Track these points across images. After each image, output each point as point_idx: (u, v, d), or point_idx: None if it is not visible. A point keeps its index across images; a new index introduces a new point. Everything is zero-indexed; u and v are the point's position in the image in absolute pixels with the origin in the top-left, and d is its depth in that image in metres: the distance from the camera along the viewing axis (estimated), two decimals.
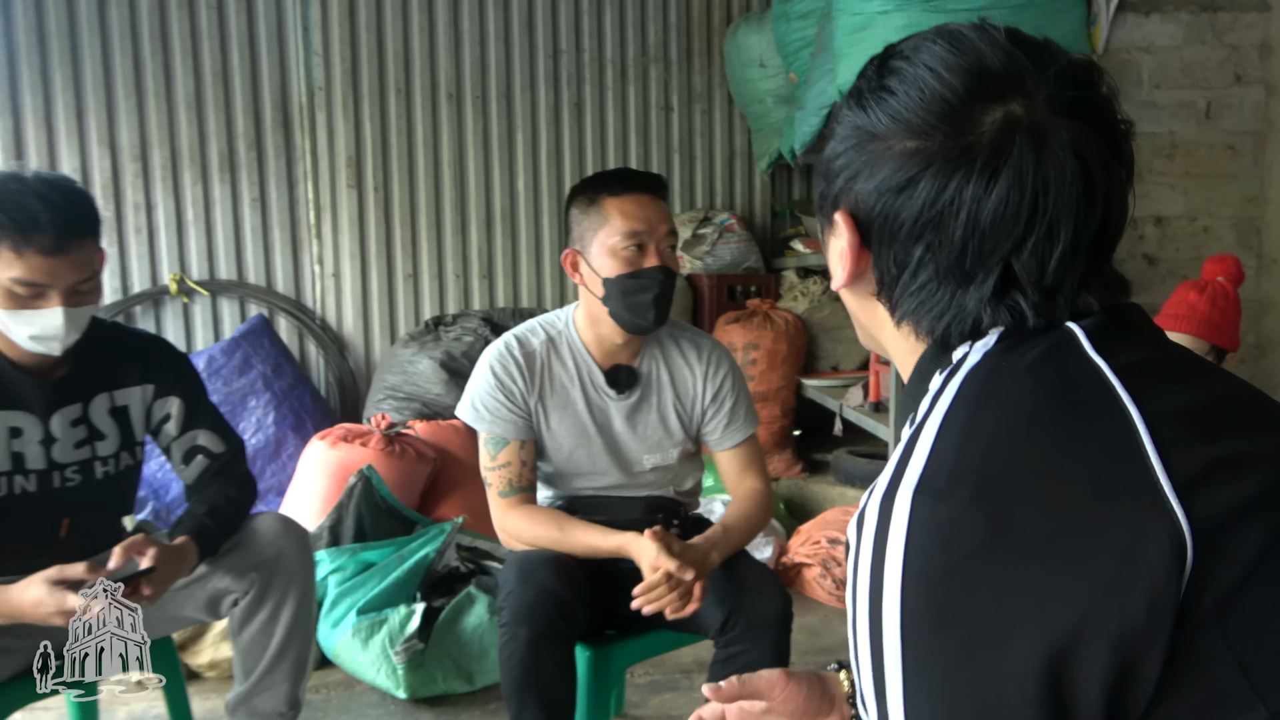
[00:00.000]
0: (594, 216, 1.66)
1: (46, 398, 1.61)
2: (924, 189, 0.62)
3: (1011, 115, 0.61)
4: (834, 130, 0.73)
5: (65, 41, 3.66)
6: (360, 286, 4.05)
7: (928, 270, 0.64)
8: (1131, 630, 0.51)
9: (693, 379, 1.79)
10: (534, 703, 1.52)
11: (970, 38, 0.64)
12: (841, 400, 3.29)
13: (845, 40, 2.75)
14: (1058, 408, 0.58)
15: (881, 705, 0.55)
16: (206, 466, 1.75)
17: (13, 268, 1.45)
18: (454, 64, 4.07)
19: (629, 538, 1.58)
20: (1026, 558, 0.53)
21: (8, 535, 1.61)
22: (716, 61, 4.38)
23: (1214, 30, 2.74)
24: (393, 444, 3.10)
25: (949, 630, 0.53)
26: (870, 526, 0.57)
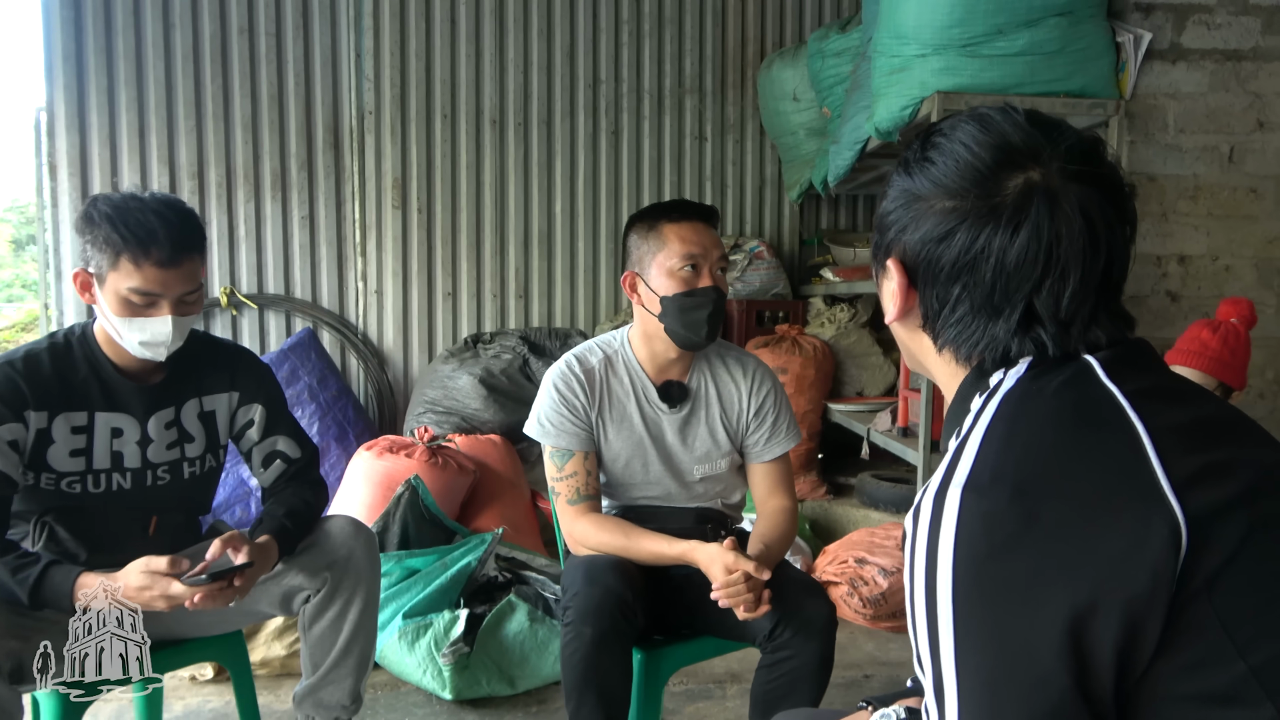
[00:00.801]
0: (653, 241, 1.78)
1: (145, 401, 1.73)
2: (960, 239, 0.77)
3: (1030, 181, 0.75)
4: (885, 192, 0.87)
5: (131, 63, 3.83)
6: (401, 303, 4.19)
7: (964, 305, 0.78)
8: (1137, 600, 0.64)
9: (738, 394, 1.89)
10: (593, 699, 1.61)
11: (996, 119, 0.79)
12: (870, 425, 3.39)
13: (883, 81, 2.87)
14: (1078, 423, 0.71)
15: (936, 663, 0.68)
16: (284, 470, 1.86)
17: (131, 278, 1.57)
18: (498, 91, 4.23)
19: (693, 544, 1.68)
20: (1053, 542, 0.65)
21: (103, 530, 1.72)
22: (749, 93, 4.52)
23: (1238, 78, 2.85)
24: (435, 456, 3.21)
25: (992, 600, 0.65)
26: (925, 517, 0.70)
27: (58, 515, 1.70)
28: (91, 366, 1.69)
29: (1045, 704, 0.63)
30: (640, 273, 1.80)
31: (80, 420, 1.67)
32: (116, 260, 1.57)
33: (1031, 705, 0.63)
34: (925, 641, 0.68)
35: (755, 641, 1.75)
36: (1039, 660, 0.64)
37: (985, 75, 2.67)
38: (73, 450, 1.67)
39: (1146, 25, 2.81)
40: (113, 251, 1.57)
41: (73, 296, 3.84)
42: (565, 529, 1.83)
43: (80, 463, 1.68)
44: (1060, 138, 0.77)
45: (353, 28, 4.06)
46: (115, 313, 1.60)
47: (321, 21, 4.03)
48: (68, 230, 3.83)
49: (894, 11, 2.77)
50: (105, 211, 1.59)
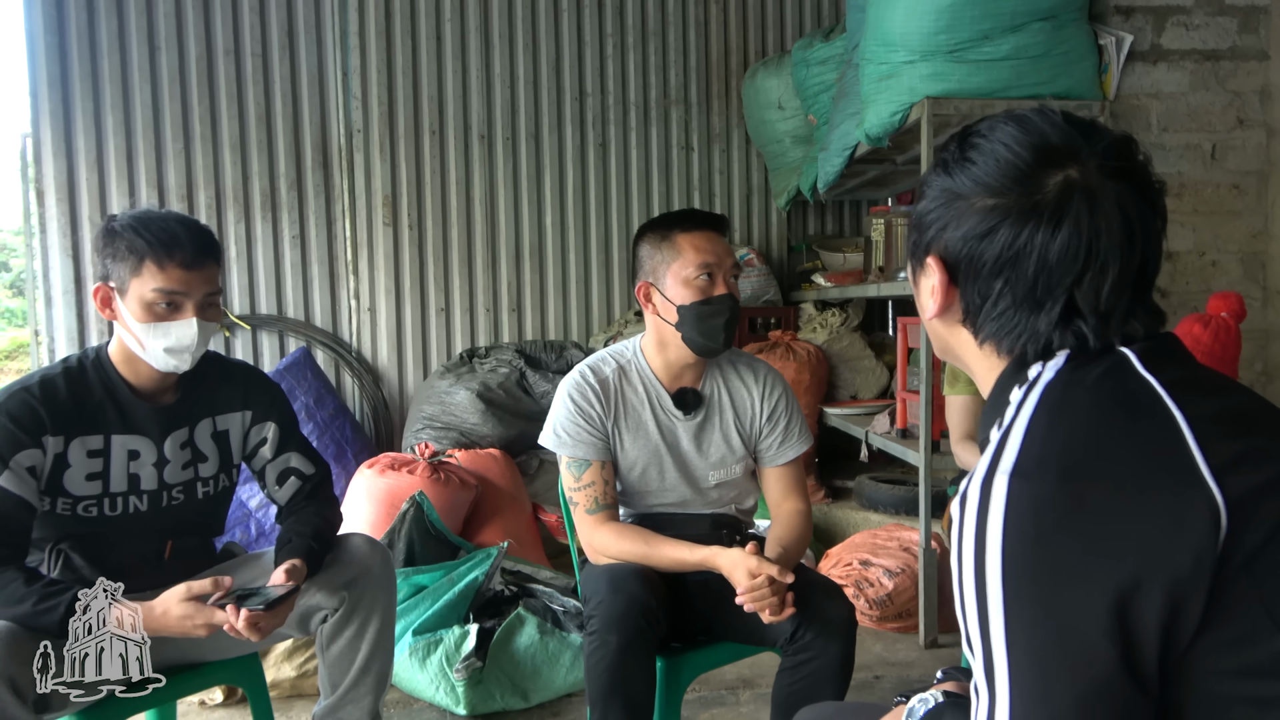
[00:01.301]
0: (666, 250, 1.80)
1: (161, 422, 1.73)
2: (1002, 235, 0.79)
3: (1070, 179, 0.78)
4: (921, 193, 0.89)
5: (117, 87, 3.82)
6: (395, 320, 4.19)
7: (1006, 299, 0.81)
8: (1180, 580, 0.66)
9: (750, 399, 1.92)
10: (619, 707, 1.62)
11: (1034, 120, 0.82)
12: (867, 428, 3.42)
13: (872, 87, 2.91)
14: (1120, 412, 0.74)
15: (986, 643, 0.70)
16: (299, 488, 1.87)
17: (155, 279, 1.60)
18: (485, 106, 4.25)
19: (714, 550, 1.69)
20: (1098, 525, 0.68)
21: (119, 557, 1.71)
22: (734, 103, 4.56)
23: (1217, 77, 2.91)
24: (437, 472, 3.21)
25: (1041, 581, 0.68)
26: (973, 504, 0.72)
27: (74, 543, 1.70)
28: (107, 389, 1.69)
29: (1093, 679, 0.66)
30: (655, 282, 1.82)
31: (96, 444, 1.67)
32: (140, 265, 1.60)
33: (1079, 681, 0.66)
34: (975, 622, 0.70)
35: (776, 645, 1.76)
36: (1086, 638, 0.66)
37: (972, 80, 2.72)
38: (89, 474, 1.67)
39: (1127, 27, 2.87)
40: (135, 258, 1.60)
41: (64, 323, 3.81)
42: (584, 538, 1.84)
43: (97, 486, 1.68)
44: (1097, 137, 0.80)
45: (339, 47, 4.07)
46: (139, 320, 1.62)
47: (307, 41, 4.03)
48: (57, 256, 3.81)
49: (881, 20, 2.81)
50: (126, 223, 1.63)
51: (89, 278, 3.85)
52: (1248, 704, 0.68)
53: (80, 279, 3.83)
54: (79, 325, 3.84)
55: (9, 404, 1.58)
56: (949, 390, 2.46)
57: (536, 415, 3.86)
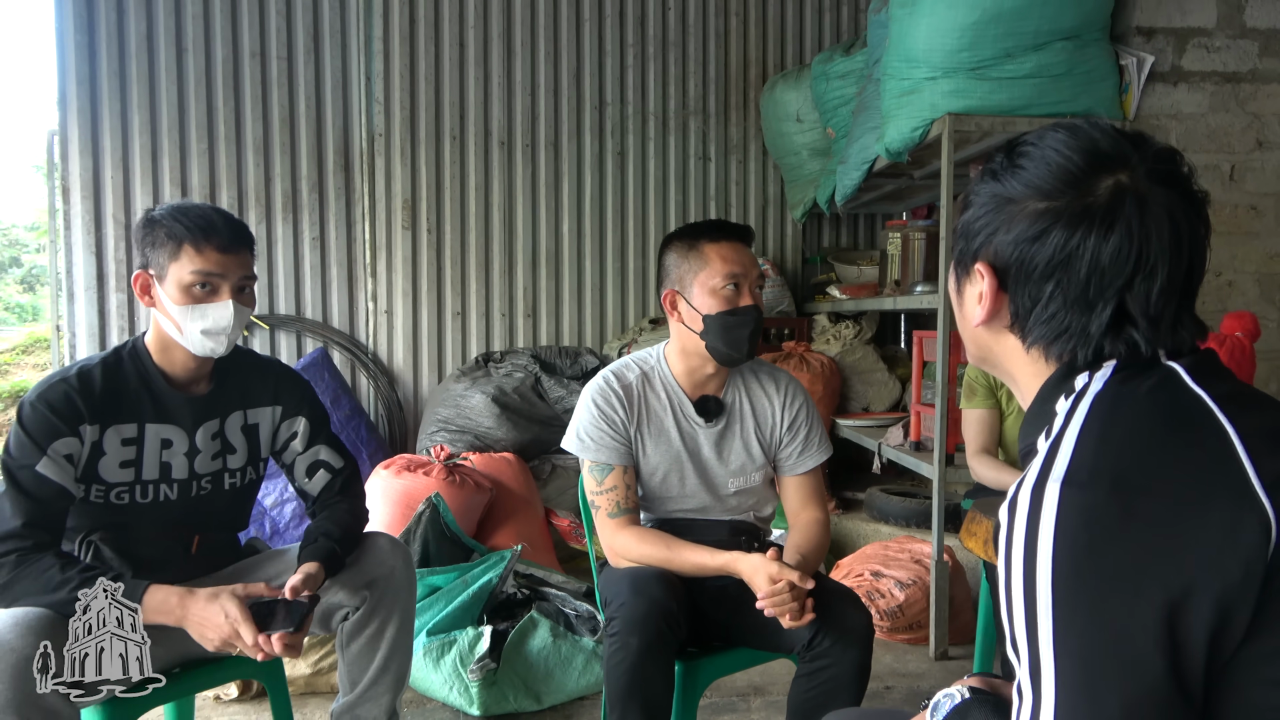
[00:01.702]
0: (694, 260, 1.82)
1: (193, 412, 1.76)
2: (1055, 238, 0.80)
3: (1121, 184, 0.79)
4: (967, 202, 0.90)
5: (144, 87, 3.87)
6: (411, 323, 4.22)
7: (1057, 302, 0.82)
8: (1229, 590, 0.67)
9: (771, 408, 1.94)
10: (637, 709, 1.63)
11: (1084, 128, 0.83)
12: (880, 440, 3.43)
13: (893, 103, 2.94)
14: (1171, 424, 0.75)
15: (1034, 646, 0.71)
16: (329, 481, 1.90)
17: (194, 261, 1.64)
18: (506, 113, 4.29)
19: (735, 555, 1.71)
20: (1151, 535, 0.69)
21: (149, 550, 1.74)
22: (752, 115, 4.59)
23: (1237, 99, 2.93)
24: (453, 474, 3.24)
25: (1091, 588, 0.69)
26: (1023, 510, 0.73)
27: (104, 535, 1.72)
28: (142, 379, 1.72)
29: (1141, 685, 0.67)
30: (681, 291, 1.84)
31: (130, 432, 1.70)
32: (179, 250, 1.65)
33: (1127, 686, 0.67)
34: (1022, 625, 0.71)
35: (793, 651, 1.78)
36: (1136, 645, 0.67)
37: (994, 97, 2.74)
38: (123, 462, 1.70)
39: (1148, 49, 2.89)
40: (174, 243, 1.65)
41: (85, 318, 3.85)
42: (606, 542, 1.85)
43: (130, 474, 1.71)
44: (1145, 145, 0.81)
45: (363, 52, 4.11)
46: (177, 302, 1.66)
47: (332, 45, 4.08)
48: (80, 252, 3.85)
49: (904, 36, 2.84)
50: (165, 211, 1.69)
51: (111, 274, 3.90)
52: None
53: (103, 275, 3.88)
54: (100, 321, 3.89)
55: (48, 394, 1.62)
56: (966, 404, 2.47)
57: (551, 420, 3.89)
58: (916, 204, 4.43)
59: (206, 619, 1.56)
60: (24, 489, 1.57)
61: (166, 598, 1.57)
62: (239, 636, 1.55)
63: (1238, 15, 2.93)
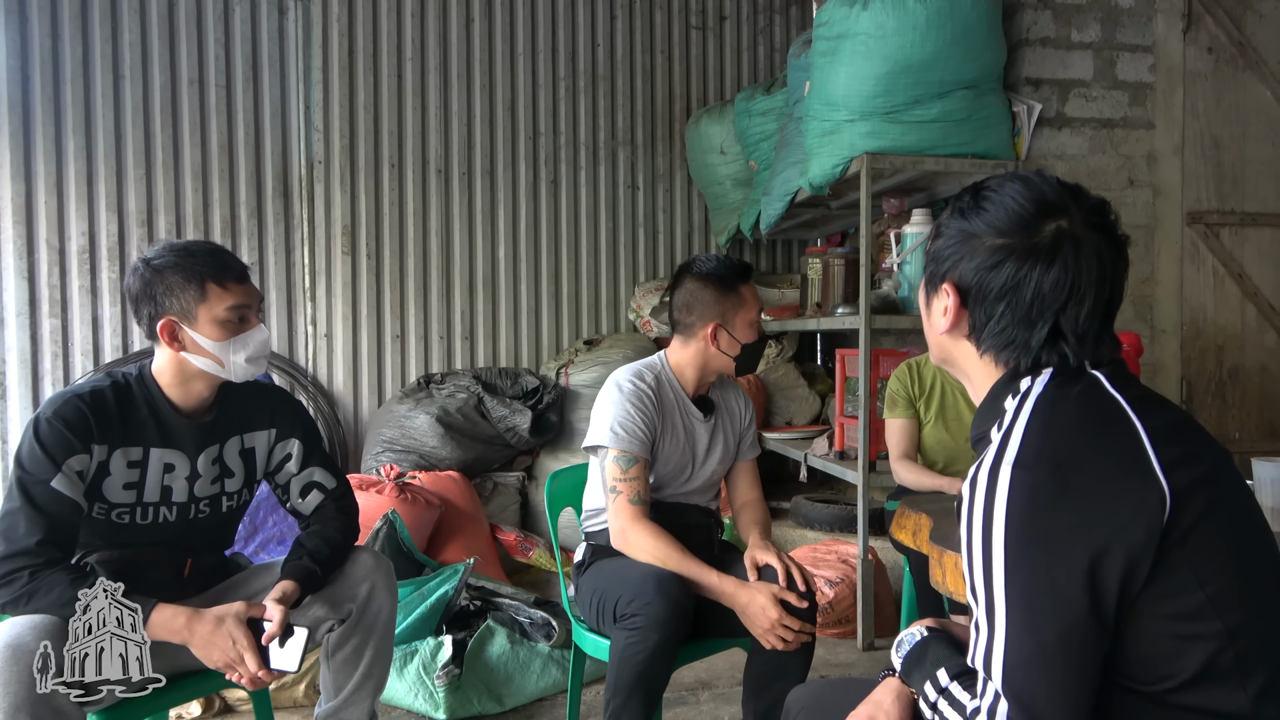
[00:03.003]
0: (733, 299, 2.12)
1: (197, 438, 1.83)
2: (1007, 268, 1.01)
3: (1061, 228, 0.99)
4: (938, 233, 1.11)
5: (80, 112, 3.87)
6: (351, 346, 4.30)
7: (1006, 319, 1.02)
8: (1135, 548, 0.88)
9: (738, 407, 2.30)
10: (640, 698, 1.81)
11: (1035, 180, 1.05)
12: (806, 450, 3.69)
13: (816, 142, 3.22)
14: (1097, 420, 0.96)
15: (989, 591, 0.92)
16: (323, 501, 1.98)
17: (224, 299, 1.71)
18: (443, 142, 4.43)
19: (736, 588, 1.91)
20: (1079, 506, 0.90)
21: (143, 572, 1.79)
22: (678, 146, 4.85)
23: (1111, 143, 3.33)
24: (404, 492, 3.34)
25: (1034, 545, 0.90)
26: (982, 486, 0.94)
27: (101, 555, 1.78)
28: (150, 406, 1.78)
29: (1070, 619, 0.89)
30: (724, 325, 2.12)
31: (136, 455, 1.76)
32: (203, 290, 1.70)
33: (1060, 620, 0.89)
34: (980, 575, 0.93)
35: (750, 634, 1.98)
36: (1067, 589, 0.89)
37: (905, 139, 3.05)
38: (126, 483, 1.75)
39: (1036, 97, 3.26)
40: (196, 285, 1.70)
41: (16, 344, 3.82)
42: (620, 524, 2.01)
43: (132, 495, 1.76)
44: (1082, 198, 1.03)
45: (302, 81, 4.20)
46: (216, 339, 1.72)
47: (271, 75, 4.15)
48: (11, 278, 3.81)
49: (825, 82, 3.13)
50: (167, 260, 1.73)
51: (44, 300, 3.87)
52: (1175, 639, 0.90)
53: (35, 301, 3.84)
54: (32, 347, 3.84)
55: (63, 410, 1.67)
56: (888, 414, 2.74)
57: (494, 439, 4.02)
58: (830, 231, 4.76)
59: (213, 642, 1.63)
60: (38, 505, 1.61)
61: (174, 617, 1.63)
62: (242, 662, 1.63)
63: (1110, 69, 3.33)
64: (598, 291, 4.73)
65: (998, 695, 0.90)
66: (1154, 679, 0.91)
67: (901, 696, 1.13)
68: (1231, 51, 3.45)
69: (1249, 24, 3.46)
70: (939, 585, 1.71)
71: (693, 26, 4.85)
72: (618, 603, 1.88)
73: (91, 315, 3.93)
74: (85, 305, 3.92)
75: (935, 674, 1.04)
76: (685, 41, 4.84)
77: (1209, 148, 3.45)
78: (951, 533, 1.83)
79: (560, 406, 4.19)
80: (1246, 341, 3.52)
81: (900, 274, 3.25)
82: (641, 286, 4.75)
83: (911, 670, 1.10)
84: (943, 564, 1.69)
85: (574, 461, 4.16)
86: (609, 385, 2.13)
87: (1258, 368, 3.55)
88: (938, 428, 2.68)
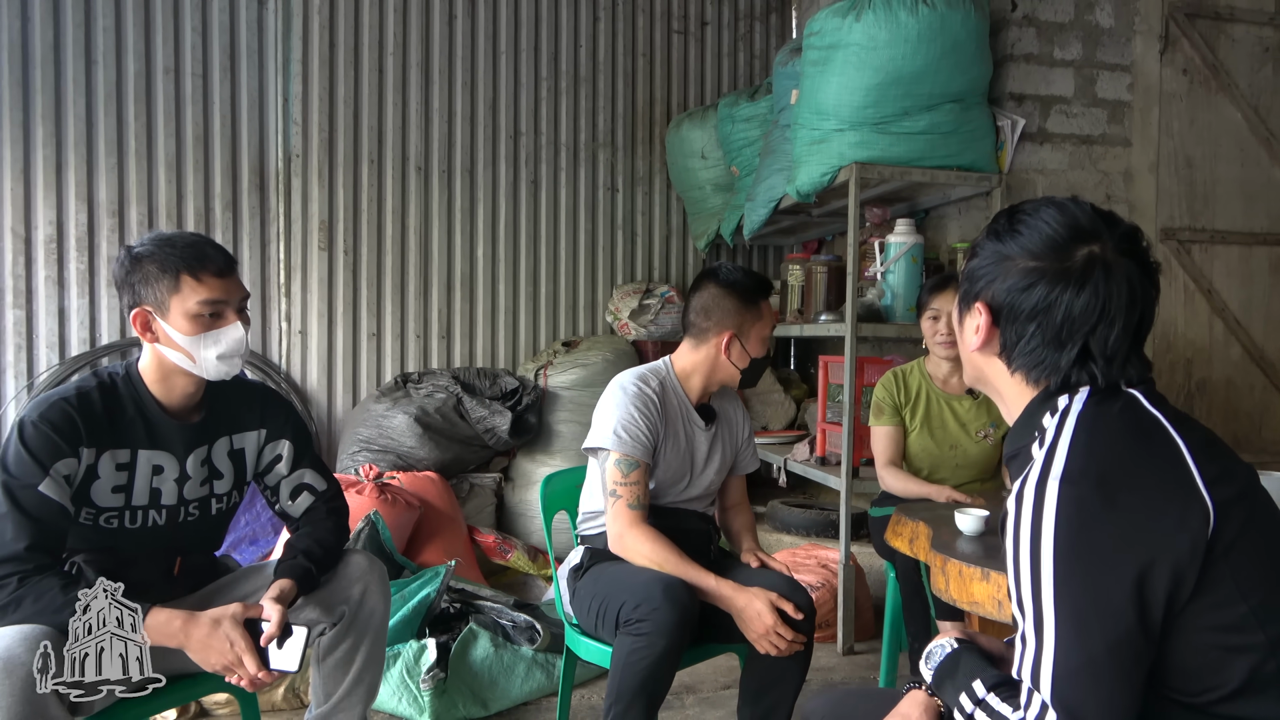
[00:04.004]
0: (753, 313, 2.13)
1: (186, 439, 1.78)
2: (1039, 290, 1.03)
3: (1093, 253, 1.02)
4: (974, 253, 1.13)
5: (50, 98, 3.76)
6: (326, 344, 4.23)
7: (1036, 339, 1.04)
8: (1181, 562, 0.91)
9: (737, 418, 2.29)
10: (643, 704, 1.81)
11: (1070, 206, 1.07)
12: (786, 456, 3.72)
13: (804, 150, 3.25)
14: (1139, 437, 0.99)
15: (1037, 603, 0.93)
16: (313, 503, 1.95)
17: (197, 291, 1.66)
18: (423, 140, 4.38)
19: (734, 593, 1.91)
20: (1127, 520, 0.92)
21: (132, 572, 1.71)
22: (657, 150, 4.86)
23: (1090, 159, 3.41)
24: (384, 493, 3.30)
25: (1083, 559, 0.92)
26: (1029, 500, 0.96)
27: (88, 557, 1.72)
28: (137, 405, 1.73)
29: (1118, 631, 0.91)
30: (740, 336, 2.13)
31: (124, 457, 1.71)
32: (177, 282, 1.65)
33: (1109, 632, 0.91)
34: (1028, 588, 0.94)
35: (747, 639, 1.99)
36: (1116, 601, 0.91)
37: (894, 150, 3.09)
38: (115, 487, 1.70)
39: (1020, 112, 3.32)
40: (170, 277, 1.65)
41: None
42: (618, 529, 2.01)
43: (120, 499, 1.72)
44: (1115, 225, 1.05)
45: (280, 73, 4.12)
46: (186, 333, 1.67)
47: (249, 65, 4.07)
48: None
49: (816, 91, 3.16)
50: (146, 249, 1.68)
51: (8, 290, 3.75)
52: (1220, 650, 0.92)
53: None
54: None
55: (50, 413, 1.62)
56: (875, 422, 2.77)
57: (472, 440, 3.99)
58: (807, 238, 4.80)
59: (211, 645, 1.60)
60: (26, 510, 1.56)
61: (170, 620, 1.60)
62: (241, 664, 1.60)
63: (1090, 87, 3.41)
64: (575, 293, 4.71)
65: (1045, 706, 0.92)
66: (1198, 690, 0.94)
67: (929, 709, 1.15)
68: (1205, 73, 3.55)
69: (1222, 47, 3.57)
70: (941, 592, 1.73)
71: (674, 31, 4.87)
72: (622, 608, 1.87)
73: (58, 306, 3.82)
74: (51, 296, 3.81)
75: (970, 685, 1.05)
76: (667, 46, 4.85)
77: (1182, 166, 3.55)
78: (952, 541, 1.87)
79: (539, 408, 4.17)
80: (1214, 355, 3.63)
81: (884, 282, 3.29)
82: (619, 289, 4.75)
83: (943, 682, 1.11)
84: (945, 572, 1.71)
85: (552, 463, 4.15)
86: (613, 387, 2.12)
87: (1224, 381, 3.66)
88: (923, 435, 2.71)
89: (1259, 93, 3.64)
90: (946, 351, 2.65)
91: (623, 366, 4.34)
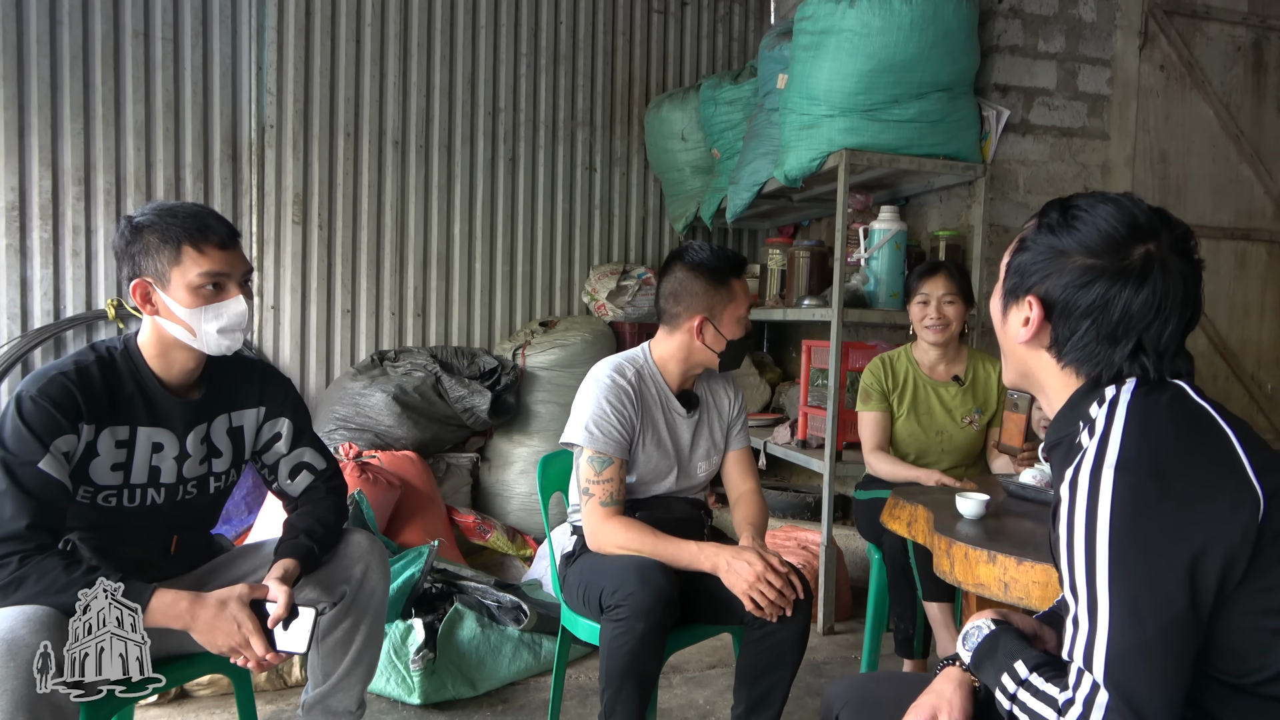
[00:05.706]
0: (724, 294, 2.06)
1: (185, 416, 1.74)
2: (1097, 288, 1.05)
3: (1151, 251, 1.04)
4: (1024, 247, 1.14)
5: (11, 58, 3.61)
6: (299, 320, 4.15)
7: (1090, 335, 1.06)
8: (1233, 548, 0.94)
9: (727, 400, 2.24)
10: (633, 686, 1.81)
11: (1126, 203, 1.09)
12: (765, 439, 3.75)
13: (793, 135, 3.25)
14: (1191, 427, 1.01)
15: (1091, 587, 0.96)
16: (312, 482, 1.92)
17: (198, 263, 1.62)
18: (401, 113, 4.30)
19: (717, 549, 1.91)
20: (1181, 507, 0.94)
21: (128, 550, 1.72)
22: (636, 130, 4.83)
23: (1070, 151, 3.47)
24: (365, 472, 3.26)
25: (1138, 546, 0.95)
26: (1084, 487, 0.98)
27: (83, 535, 1.69)
28: (137, 381, 1.69)
29: (1171, 614, 0.94)
30: (712, 319, 2.06)
31: (123, 434, 1.67)
32: (178, 253, 1.62)
33: (1161, 616, 0.94)
34: (1083, 573, 0.97)
35: (743, 621, 2.00)
36: (1169, 586, 0.93)
37: (883, 137, 3.11)
38: (114, 464, 1.67)
39: (1004, 103, 3.37)
40: (171, 248, 1.62)
41: None
42: (592, 527, 2.01)
43: (119, 476, 1.68)
44: (1172, 224, 1.07)
45: (255, 40, 4.01)
46: (187, 305, 1.64)
47: (222, 31, 3.95)
48: None
49: (806, 76, 3.16)
50: (147, 219, 1.65)
51: None
52: (1266, 633, 0.95)
53: None
54: None
55: (49, 389, 1.57)
56: (863, 407, 2.80)
57: (450, 419, 3.96)
58: (784, 223, 4.83)
59: (218, 626, 1.57)
60: (26, 487, 1.52)
61: (175, 601, 1.57)
62: (248, 646, 1.58)
63: (1072, 80, 3.46)
64: (552, 273, 4.68)
65: (1096, 686, 0.95)
66: (1244, 671, 0.97)
67: (963, 685, 1.17)
68: (1181, 70, 3.63)
69: (1198, 45, 3.65)
70: (945, 575, 1.76)
71: (654, 10, 4.83)
72: (602, 594, 1.88)
73: (20, 277, 3.69)
74: (13, 266, 3.68)
75: (1012, 666, 1.07)
76: (646, 25, 4.81)
77: (1157, 161, 3.63)
78: (953, 524, 1.90)
79: (518, 388, 4.15)
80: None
81: (867, 268, 3.32)
82: (596, 270, 4.73)
83: (982, 662, 1.13)
84: (951, 555, 1.75)
85: (530, 444, 4.14)
86: (589, 379, 2.09)
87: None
88: (910, 421, 2.75)
89: (1230, 90, 3.73)
90: (936, 336, 2.69)
91: (601, 347, 4.34)
